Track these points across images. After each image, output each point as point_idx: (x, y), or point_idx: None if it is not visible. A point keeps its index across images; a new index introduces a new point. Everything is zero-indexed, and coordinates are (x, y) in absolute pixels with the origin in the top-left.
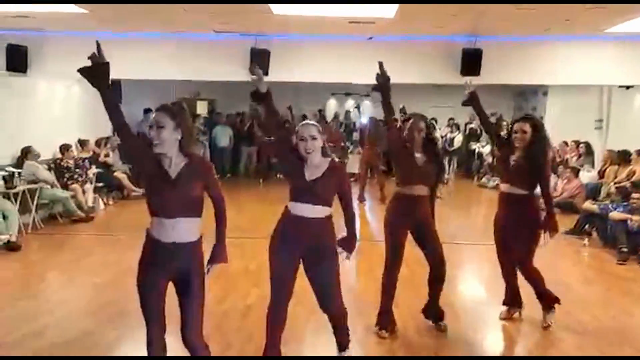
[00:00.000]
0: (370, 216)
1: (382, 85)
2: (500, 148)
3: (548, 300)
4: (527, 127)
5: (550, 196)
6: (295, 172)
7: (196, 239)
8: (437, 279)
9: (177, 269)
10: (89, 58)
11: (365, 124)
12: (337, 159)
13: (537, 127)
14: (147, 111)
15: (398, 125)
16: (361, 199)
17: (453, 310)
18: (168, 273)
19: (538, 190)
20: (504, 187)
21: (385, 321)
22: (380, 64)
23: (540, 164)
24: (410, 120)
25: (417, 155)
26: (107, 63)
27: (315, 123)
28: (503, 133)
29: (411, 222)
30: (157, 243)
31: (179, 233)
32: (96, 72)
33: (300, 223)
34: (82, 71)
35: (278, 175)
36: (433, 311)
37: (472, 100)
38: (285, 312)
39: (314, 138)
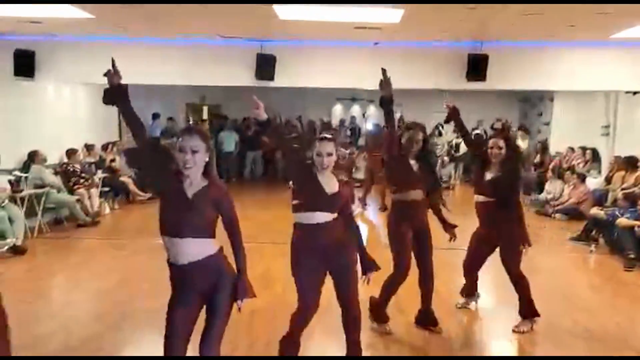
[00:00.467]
0: (373, 221)
1: (386, 97)
2: (481, 161)
3: (528, 311)
4: (502, 143)
5: (520, 210)
6: (312, 185)
7: (212, 252)
8: (426, 287)
9: (204, 287)
10: (104, 75)
11: (370, 130)
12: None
13: (511, 142)
14: (155, 116)
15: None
16: (363, 203)
17: (458, 317)
18: (197, 294)
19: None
20: (479, 198)
21: (378, 314)
22: (384, 71)
23: (513, 180)
24: (410, 130)
25: (412, 161)
26: (125, 85)
27: (332, 138)
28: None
29: (412, 226)
30: (175, 267)
31: (191, 253)
32: (114, 94)
33: (320, 230)
34: (104, 95)
35: (289, 185)
36: (426, 317)
37: (451, 117)
38: (311, 319)
39: (329, 154)
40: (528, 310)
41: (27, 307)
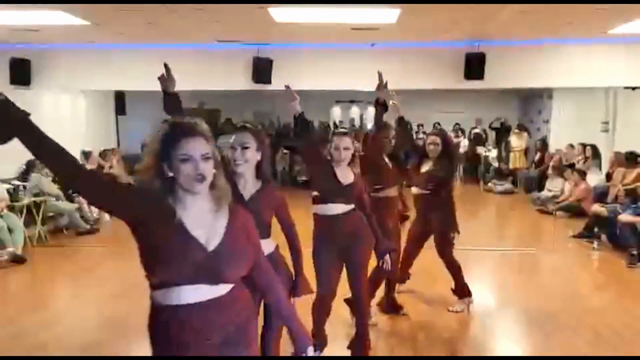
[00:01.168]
0: None
1: (380, 100)
2: (419, 157)
3: (461, 292)
4: (438, 140)
5: (452, 200)
6: (329, 176)
7: (270, 251)
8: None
9: None
10: (158, 79)
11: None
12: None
13: (446, 140)
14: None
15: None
16: None
17: (460, 316)
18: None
19: None
20: (414, 190)
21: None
22: (380, 75)
23: (446, 174)
24: (382, 131)
25: (386, 160)
26: (176, 95)
27: (348, 132)
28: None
29: (393, 221)
30: None
31: None
32: (173, 103)
33: (336, 221)
34: (165, 106)
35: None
36: (391, 304)
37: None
38: (330, 306)
39: (346, 148)
40: (461, 291)
41: (28, 316)
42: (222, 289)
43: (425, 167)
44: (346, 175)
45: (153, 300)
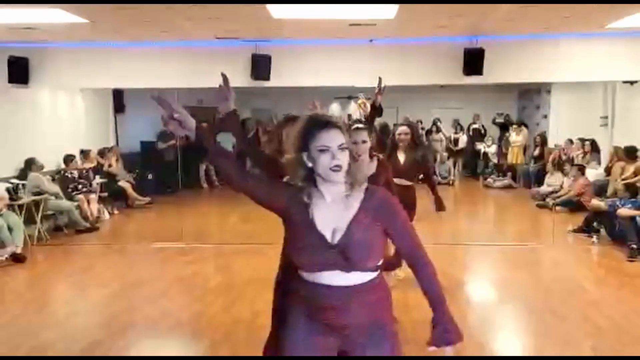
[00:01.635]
0: None
1: (377, 104)
2: (392, 148)
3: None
4: (408, 130)
5: (434, 182)
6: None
7: None
8: None
9: None
10: (217, 91)
11: None
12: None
13: (414, 131)
14: None
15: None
16: None
17: (459, 310)
18: None
19: None
20: (397, 180)
21: None
22: (380, 80)
23: (422, 159)
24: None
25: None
26: (235, 111)
27: (365, 127)
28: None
29: None
30: None
31: None
32: (230, 121)
33: None
34: (216, 124)
35: None
36: None
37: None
38: None
39: (364, 142)
40: (391, 265)
41: (28, 315)
42: (357, 276)
43: (401, 158)
44: (367, 167)
45: (300, 275)
